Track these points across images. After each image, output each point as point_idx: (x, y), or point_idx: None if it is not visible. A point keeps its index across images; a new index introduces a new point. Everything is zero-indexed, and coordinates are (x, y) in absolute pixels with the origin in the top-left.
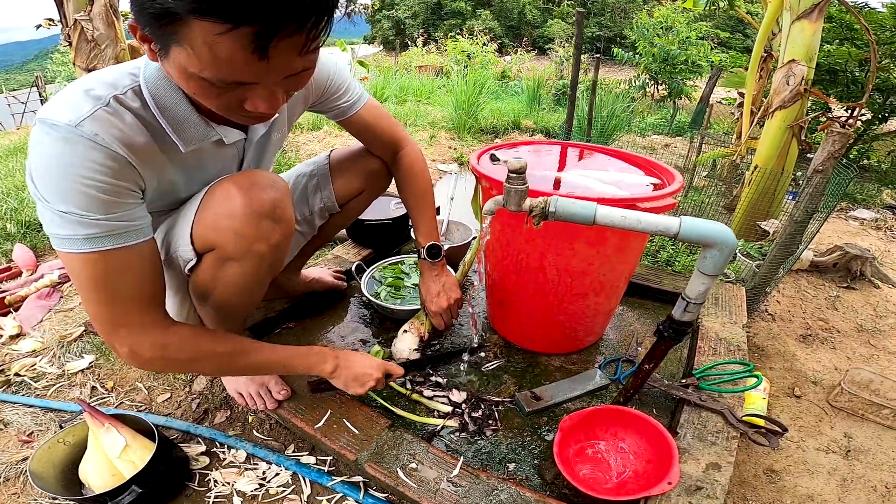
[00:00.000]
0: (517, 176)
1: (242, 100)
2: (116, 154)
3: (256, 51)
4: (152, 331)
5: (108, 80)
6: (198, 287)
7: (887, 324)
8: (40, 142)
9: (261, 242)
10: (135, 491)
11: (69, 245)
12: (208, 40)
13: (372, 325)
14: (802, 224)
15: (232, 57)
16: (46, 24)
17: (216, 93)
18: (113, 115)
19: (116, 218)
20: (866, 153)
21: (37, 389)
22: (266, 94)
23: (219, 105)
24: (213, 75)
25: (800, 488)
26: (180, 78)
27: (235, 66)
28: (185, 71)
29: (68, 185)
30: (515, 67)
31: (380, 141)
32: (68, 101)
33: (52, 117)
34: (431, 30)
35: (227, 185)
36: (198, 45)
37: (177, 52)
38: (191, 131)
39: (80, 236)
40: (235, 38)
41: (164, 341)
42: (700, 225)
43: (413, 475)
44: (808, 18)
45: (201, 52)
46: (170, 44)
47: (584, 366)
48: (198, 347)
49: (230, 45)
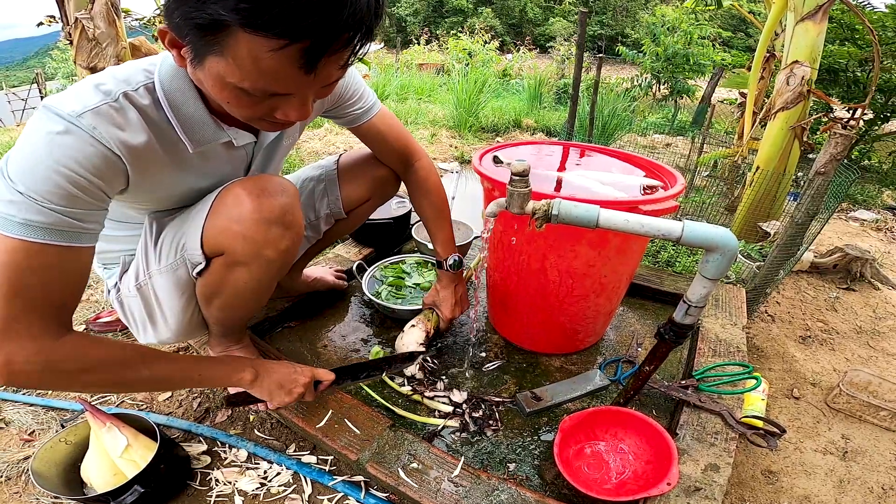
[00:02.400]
0: (520, 178)
1: (274, 109)
2: (109, 152)
3: (304, 66)
4: (42, 339)
5: (122, 77)
6: (205, 290)
7: (886, 325)
8: (36, 124)
9: (270, 248)
10: (137, 490)
11: (7, 225)
12: (256, 54)
13: (373, 324)
14: (803, 226)
15: (278, 71)
16: (48, 21)
17: (250, 102)
18: (117, 112)
19: (72, 214)
20: (867, 154)
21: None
22: (299, 104)
23: (250, 114)
24: (253, 86)
25: (797, 489)
26: (213, 86)
27: (280, 80)
28: (221, 80)
29: (42, 167)
30: (517, 66)
31: (392, 151)
32: (77, 92)
33: (56, 105)
34: (433, 27)
35: (237, 191)
36: (242, 57)
37: (215, 61)
38: (201, 132)
39: (20, 219)
40: (286, 54)
41: (50, 351)
42: (702, 229)
43: (414, 475)
44: (812, 20)
45: (245, 64)
46: (207, 53)
47: (584, 366)
48: (86, 356)
49: (279, 61)
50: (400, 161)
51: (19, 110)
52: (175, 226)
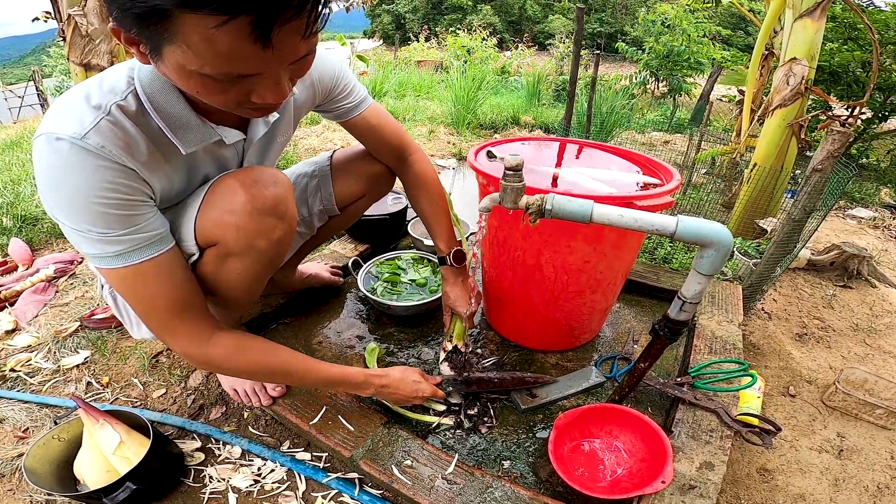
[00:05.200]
0: (514, 173)
1: (248, 93)
2: (124, 167)
3: (259, 40)
4: (197, 340)
5: (107, 87)
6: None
7: (883, 323)
8: (46, 159)
9: (262, 238)
10: (129, 487)
11: (103, 262)
12: (205, 35)
13: (368, 321)
14: (800, 223)
15: (233, 49)
16: (44, 16)
17: (220, 88)
18: (115, 125)
19: (137, 230)
20: (865, 152)
21: (32, 385)
22: (272, 84)
23: (225, 101)
24: (215, 70)
25: (792, 487)
26: (179, 78)
27: (238, 59)
28: (183, 70)
29: (82, 204)
30: (515, 63)
31: (386, 145)
32: (69, 112)
33: (55, 130)
34: (432, 24)
35: (229, 181)
36: (194, 42)
37: (171, 51)
38: (191, 134)
39: (110, 254)
40: (234, 29)
41: (207, 352)
42: (697, 225)
43: (408, 472)
44: (810, 17)
45: (199, 48)
46: (161, 44)
47: (580, 363)
48: (237, 362)
49: (229, 37)
50: (394, 155)
51: (16, 108)
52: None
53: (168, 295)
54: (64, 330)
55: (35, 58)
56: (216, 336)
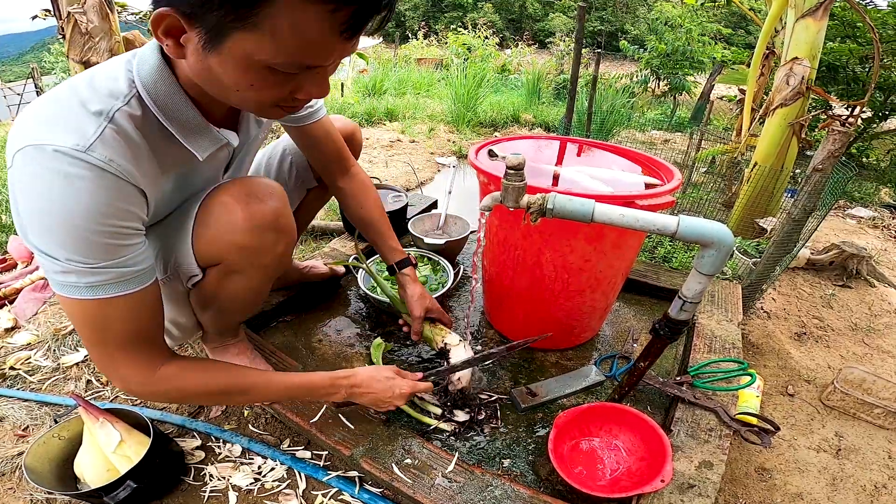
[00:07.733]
0: (515, 172)
1: (297, 88)
2: (128, 183)
3: (347, 31)
4: (142, 370)
5: (105, 91)
6: (201, 298)
7: (882, 323)
8: (37, 176)
9: (265, 254)
10: (130, 486)
11: (69, 291)
12: (301, 22)
13: (368, 318)
14: (800, 222)
15: (320, 39)
16: (43, 14)
17: (278, 82)
18: (120, 134)
19: (122, 263)
20: (865, 151)
21: (32, 383)
22: (322, 79)
23: (273, 96)
24: (289, 59)
25: (790, 487)
26: (236, 68)
27: (319, 48)
28: (248, 60)
29: (72, 231)
30: (516, 61)
31: (336, 152)
32: (64, 119)
33: (49, 141)
34: (432, 22)
35: (224, 198)
36: (282, 28)
37: (242, 38)
38: (203, 139)
39: (82, 284)
40: (335, 19)
41: (152, 383)
42: (698, 224)
43: (408, 470)
44: (812, 17)
45: (284, 35)
46: (231, 31)
47: (579, 362)
48: (185, 388)
49: (322, 26)
50: (342, 165)
51: (15, 105)
52: (157, 235)
53: (126, 329)
54: (63, 328)
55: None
56: (164, 367)
